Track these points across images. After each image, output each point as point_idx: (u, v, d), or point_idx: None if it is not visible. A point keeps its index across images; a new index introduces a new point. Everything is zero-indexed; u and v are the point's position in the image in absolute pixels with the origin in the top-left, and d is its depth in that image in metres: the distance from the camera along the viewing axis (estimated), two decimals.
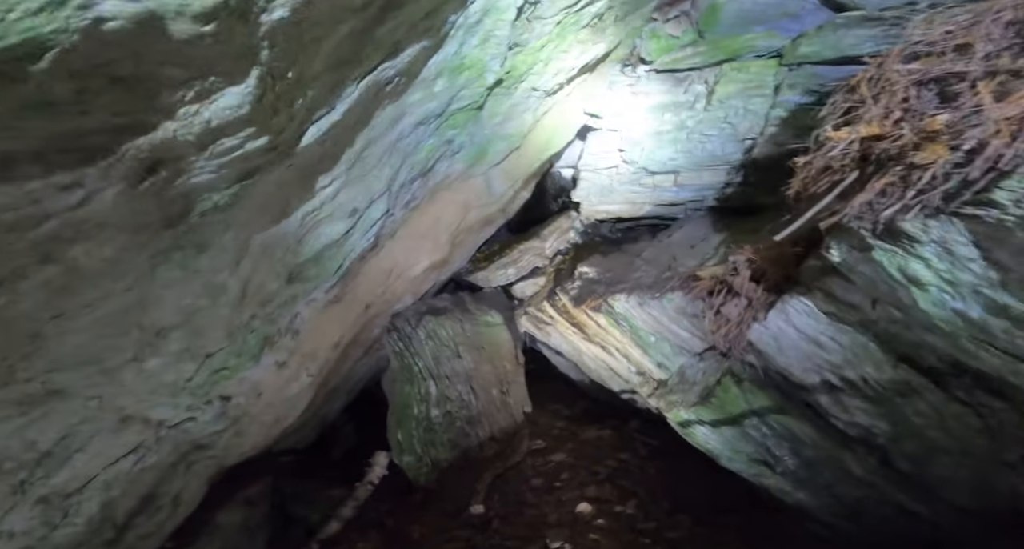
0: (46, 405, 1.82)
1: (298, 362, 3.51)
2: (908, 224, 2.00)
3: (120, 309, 1.70)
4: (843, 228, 2.23)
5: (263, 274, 2.35)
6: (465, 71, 2.95)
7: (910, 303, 2.13)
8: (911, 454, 2.79)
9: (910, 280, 2.04)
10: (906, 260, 2.03)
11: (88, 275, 1.43)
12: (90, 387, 1.96)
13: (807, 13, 3.97)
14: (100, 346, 1.79)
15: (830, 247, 2.29)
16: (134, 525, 3.33)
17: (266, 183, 1.79)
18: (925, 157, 2.00)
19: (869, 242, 2.11)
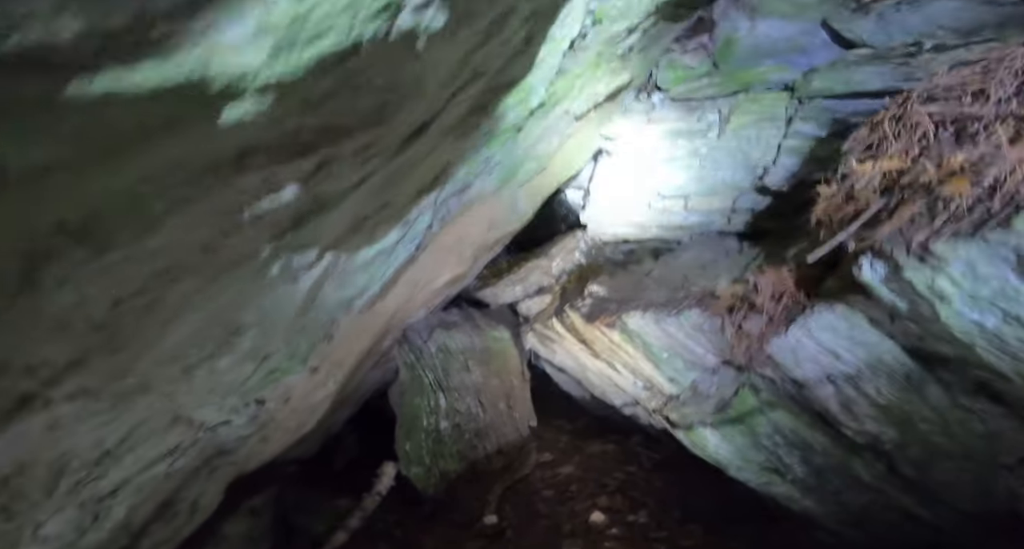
0: (130, 401, 1.85)
1: (327, 369, 3.55)
2: (939, 246, 2.26)
3: (226, 304, 1.77)
4: (875, 250, 2.46)
5: (326, 278, 2.43)
6: (514, 94, 3.12)
7: (931, 317, 2.36)
8: (916, 460, 3.00)
9: (936, 295, 2.30)
10: (934, 277, 2.28)
11: (226, 267, 1.50)
12: (168, 384, 1.99)
13: (816, 49, 4.29)
14: (192, 341, 1.85)
15: (860, 266, 2.52)
16: (150, 532, 3.27)
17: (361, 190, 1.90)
18: (950, 191, 2.25)
19: (901, 262, 2.34)
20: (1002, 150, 2.22)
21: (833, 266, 3.01)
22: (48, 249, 0.97)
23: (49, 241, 0.96)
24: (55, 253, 0.98)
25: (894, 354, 2.71)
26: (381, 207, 2.48)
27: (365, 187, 1.89)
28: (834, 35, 4.41)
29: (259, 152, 1.16)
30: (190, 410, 2.61)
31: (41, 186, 0.87)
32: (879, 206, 2.54)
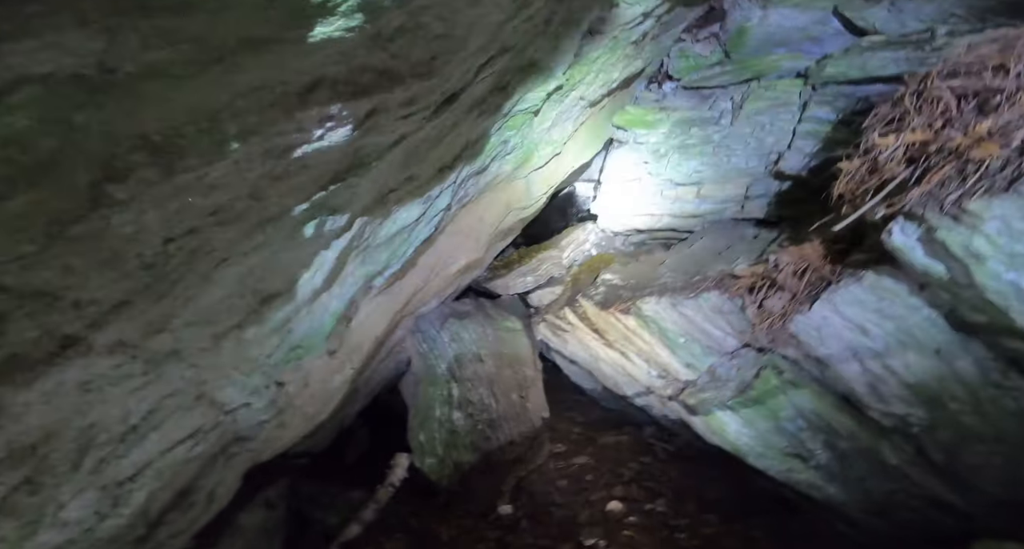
0: (161, 368, 1.84)
1: (345, 353, 3.54)
2: (973, 204, 2.26)
3: (259, 264, 1.76)
4: (906, 214, 2.46)
5: (351, 252, 2.42)
6: (533, 75, 3.13)
7: (964, 281, 2.35)
8: (946, 443, 2.96)
9: (972, 255, 2.29)
10: (970, 237, 2.27)
11: (267, 219, 1.49)
12: (197, 353, 1.98)
13: (828, 37, 4.31)
14: (224, 305, 1.83)
15: (891, 231, 2.51)
16: (166, 521, 3.23)
17: (392, 154, 1.89)
18: (979, 153, 2.25)
19: (934, 223, 2.34)
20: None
21: (857, 241, 3.00)
22: (125, 164, 0.96)
23: (128, 155, 0.95)
24: (130, 169, 0.98)
25: (924, 326, 2.68)
26: (406, 180, 2.47)
27: (398, 150, 1.89)
28: (846, 23, 4.44)
29: (325, 86, 1.17)
30: (214, 388, 2.59)
31: (141, 92, 0.87)
32: (905, 175, 2.54)
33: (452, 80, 1.82)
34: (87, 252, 1.08)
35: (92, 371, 1.45)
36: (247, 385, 2.64)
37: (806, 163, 4.12)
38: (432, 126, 2.09)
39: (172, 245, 1.25)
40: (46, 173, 0.90)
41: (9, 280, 1.04)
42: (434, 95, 1.69)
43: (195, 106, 0.98)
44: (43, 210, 0.95)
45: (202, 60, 0.89)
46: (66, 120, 0.87)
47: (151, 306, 1.41)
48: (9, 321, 1.11)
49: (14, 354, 1.18)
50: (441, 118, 2.16)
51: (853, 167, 2.90)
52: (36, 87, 0.81)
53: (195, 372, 2.09)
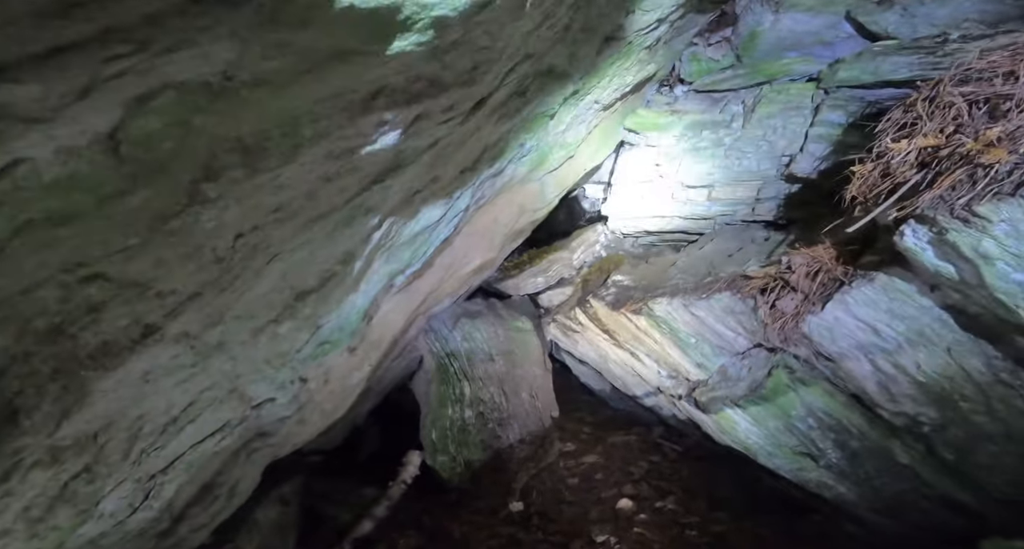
0: (207, 360, 1.90)
1: (364, 350, 3.60)
2: (982, 207, 2.33)
3: (299, 260, 1.82)
4: (918, 216, 2.52)
5: (378, 250, 2.48)
6: (552, 80, 3.19)
7: (974, 281, 2.41)
8: (956, 442, 3.01)
9: (981, 256, 2.35)
10: (979, 239, 2.34)
11: (314, 217, 1.56)
12: (238, 346, 2.04)
13: (840, 41, 4.36)
14: (265, 300, 1.89)
15: (903, 233, 2.57)
16: (189, 516, 3.28)
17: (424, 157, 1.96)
18: (989, 158, 2.31)
19: (945, 225, 2.41)
20: None
21: (869, 243, 3.05)
22: (221, 163, 1.04)
23: (225, 156, 1.03)
24: (223, 168, 1.05)
25: (935, 326, 2.74)
26: (431, 181, 2.54)
27: (430, 154, 1.95)
28: (858, 28, 4.49)
29: (386, 93, 1.24)
30: (246, 382, 2.65)
31: (247, 98, 0.96)
32: (917, 178, 2.60)
33: (484, 85, 1.89)
34: (176, 245, 1.16)
35: (155, 362, 1.52)
36: (276, 379, 2.70)
37: (817, 166, 4.17)
38: (461, 131, 2.16)
39: (240, 240, 1.32)
40: (161, 171, 0.98)
41: (112, 270, 1.12)
42: (469, 102, 1.76)
43: (283, 111, 1.05)
44: (151, 206, 1.03)
45: (299, 69, 0.97)
46: (186, 123, 0.95)
47: (215, 298, 1.48)
48: (106, 309, 1.19)
49: (105, 341, 1.26)
50: (469, 123, 2.23)
51: (866, 170, 2.96)
52: (173, 93, 0.89)
53: (233, 365, 2.15)
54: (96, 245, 1.05)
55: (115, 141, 0.89)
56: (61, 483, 1.79)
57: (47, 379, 1.21)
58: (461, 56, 1.35)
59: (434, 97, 1.43)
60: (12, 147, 0.81)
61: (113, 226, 1.03)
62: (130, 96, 0.85)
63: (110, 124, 0.87)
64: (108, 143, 0.89)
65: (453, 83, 1.45)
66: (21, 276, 0.99)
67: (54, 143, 0.84)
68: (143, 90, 0.86)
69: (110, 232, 1.04)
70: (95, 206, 0.96)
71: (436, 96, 1.44)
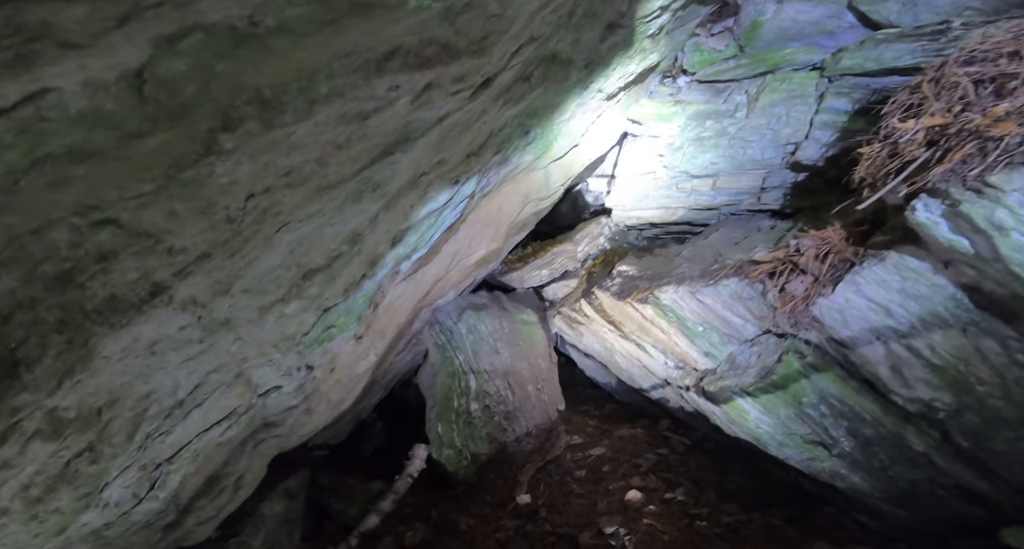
0: (214, 337, 1.89)
1: (370, 339, 3.58)
2: (995, 177, 2.32)
3: (307, 235, 1.81)
4: (930, 190, 2.51)
5: (384, 232, 2.47)
6: (555, 66, 3.19)
7: (989, 254, 2.38)
8: (972, 428, 2.96)
9: (995, 227, 2.33)
10: (993, 209, 2.32)
11: (325, 187, 1.55)
12: (245, 324, 2.03)
13: (842, 31, 4.36)
14: (273, 276, 1.88)
15: (915, 208, 2.56)
16: (195, 508, 3.25)
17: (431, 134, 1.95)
18: (999, 131, 2.31)
19: (958, 197, 2.39)
20: None
21: (879, 224, 3.04)
22: (239, 114, 1.03)
23: (244, 106, 1.02)
24: (241, 119, 1.04)
25: (949, 305, 2.71)
26: (437, 164, 2.53)
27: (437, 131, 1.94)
28: (860, 17, 4.48)
29: (399, 55, 1.23)
30: (252, 366, 2.64)
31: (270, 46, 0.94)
32: (926, 156, 2.59)
33: (492, 62, 1.88)
34: (190, 198, 1.14)
35: (162, 330, 1.50)
36: (282, 365, 2.69)
37: (824, 153, 4.16)
38: (468, 109, 2.15)
39: (251, 201, 1.30)
40: (182, 116, 0.96)
41: (125, 217, 1.10)
42: (478, 75, 1.74)
43: (303, 64, 1.04)
44: (168, 152, 1.01)
45: (322, 19, 0.96)
46: (210, 68, 0.94)
47: (224, 261, 1.46)
48: (117, 259, 1.17)
49: (113, 295, 1.24)
50: (476, 101, 2.21)
51: (874, 151, 2.95)
52: (201, 35, 0.87)
53: (240, 346, 2.14)
54: (111, 188, 1.03)
55: (141, 80, 0.88)
56: (63, 461, 1.76)
57: (52, 330, 1.19)
58: (473, 21, 1.33)
59: (445, 64, 1.42)
60: (43, 73, 0.79)
61: (130, 169, 1.01)
62: (162, 34, 0.84)
63: (139, 61, 0.86)
64: (134, 81, 0.88)
65: (464, 50, 1.44)
66: (33, 214, 0.97)
67: (84, 73, 0.82)
68: (175, 28, 0.84)
69: (126, 175, 1.03)
70: (114, 146, 0.94)
71: (447, 63, 1.42)
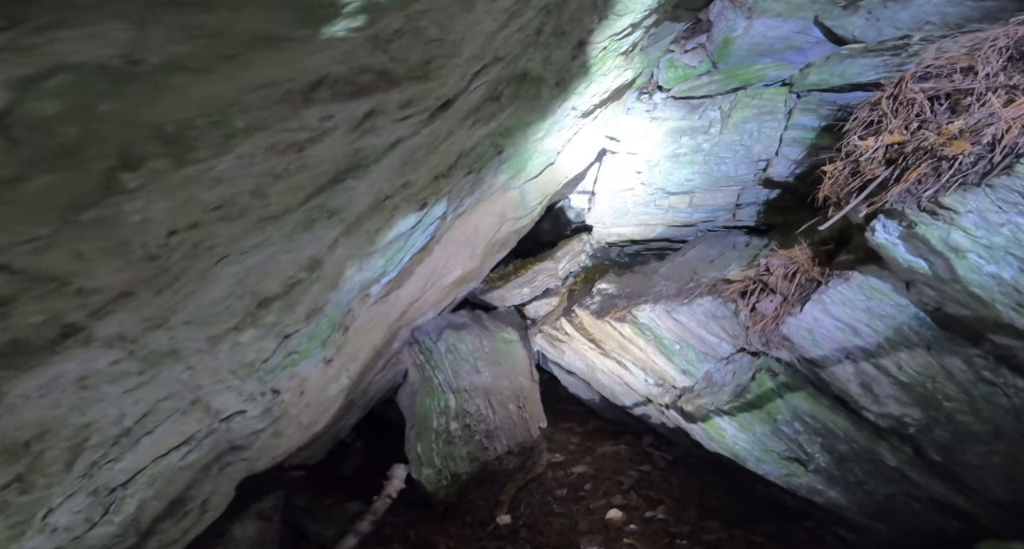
0: (158, 368, 1.85)
1: (341, 361, 3.54)
2: (949, 198, 2.31)
3: (256, 265, 1.78)
4: (887, 211, 2.52)
5: (347, 258, 2.45)
6: (526, 85, 3.20)
7: (948, 275, 2.39)
8: (943, 443, 2.96)
9: (951, 249, 2.33)
10: (948, 231, 2.31)
11: (267, 218, 1.53)
12: (195, 354, 1.99)
13: (811, 46, 4.42)
14: (222, 306, 1.85)
15: (874, 229, 2.56)
16: (158, 531, 3.19)
17: (389, 158, 1.94)
18: (952, 151, 2.32)
19: (913, 218, 2.39)
20: (996, 113, 2.33)
21: (844, 242, 3.05)
22: (140, 152, 1.00)
23: (143, 145, 0.99)
24: (143, 158, 1.02)
25: (913, 324, 2.72)
26: (402, 186, 2.52)
27: (394, 154, 1.93)
28: (826, 32, 4.56)
29: (327, 84, 1.21)
30: (210, 393, 2.59)
31: (161, 84, 0.92)
32: (885, 175, 2.61)
33: (447, 86, 1.87)
34: (96, 239, 1.11)
35: (90, 366, 1.47)
36: (243, 391, 2.65)
37: (793, 170, 4.20)
38: (428, 132, 2.14)
39: (175, 238, 1.27)
40: (66, 158, 0.94)
41: (20, 262, 1.07)
42: (429, 99, 1.74)
43: (208, 99, 1.02)
44: (60, 194, 0.99)
45: (220, 54, 0.94)
46: (91, 108, 0.91)
47: (152, 299, 1.43)
48: (15, 304, 1.13)
49: (16, 339, 1.20)
50: (436, 124, 2.21)
51: (836, 170, 2.97)
52: (69, 75, 0.86)
53: (191, 375, 2.10)
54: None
55: (6, 123, 0.86)
56: None
57: None
58: (410, 48, 1.33)
59: (385, 91, 1.41)
60: None
61: (17, 214, 0.99)
62: (16, 76, 0.82)
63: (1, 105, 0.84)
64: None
65: (405, 76, 1.43)
66: None
67: None
68: (30, 71, 0.82)
69: (14, 220, 1.00)
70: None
71: (387, 90, 1.41)
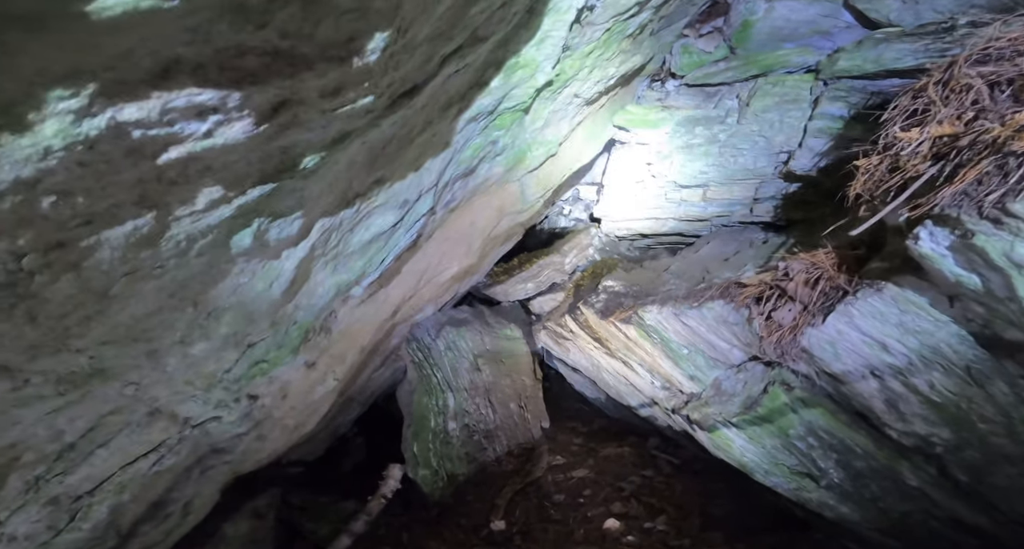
0: (86, 387, 1.68)
1: (326, 364, 3.38)
2: (1019, 205, 1.97)
3: (187, 277, 1.59)
4: (936, 217, 2.21)
5: (315, 261, 2.25)
6: (519, 69, 2.94)
7: (1003, 294, 2.09)
8: (971, 464, 2.71)
9: (1015, 265, 2.03)
10: (1012, 243, 2.01)
11: (173, 227, 1.33)
12: (132, 370, 1.82)
13: (839, 31, 4.06)
14: (155, 321, 1.67)
15: (918, 237, 2.26)
16: (139, 533, 3.13)
17: (345, 153, 1.72)
18: (1021, 146, 2.00)
19: (971, 227, 2.08)
20: None
21: (876, 247, 2.75)
22: None
23: None
24: None
25: (952, 343, 2.43)
26: (374, 183, 2.30)
27: (351, 151, 1.71)
28: (858, 16, 4.18)
29: (183, 71, 0.99)
30: (171, 403, 2.45)
31: None
32: (933, 172, 2.29)
33: (401, 69, 1.64)
34: None
35: None
36: (208, 400, 2.49)
37: (818, 162, 3.88)
38: (392, 123, 1.92)
39: (30, 260, 1.08)
40: None
41: None
42: (375, 86, 1.50)
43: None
44: None
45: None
46: None
47: (23, 330, 1.25)
48: None
49: None
50: (401, 114, 1.97)
51: (871, 164, 2.66)
52: None
53: (136, 390, 1.94)
54: None
55: None
56: None
57: None
58: (308, 20, 1.07)
59: (292, 77, 1.18)
60: None
61: None
62: None
63: None
64: None
65: (319, 58, 1.19)
66: None
67: None
68: None
69: None
70: None
71: (296, 76, 1.18)
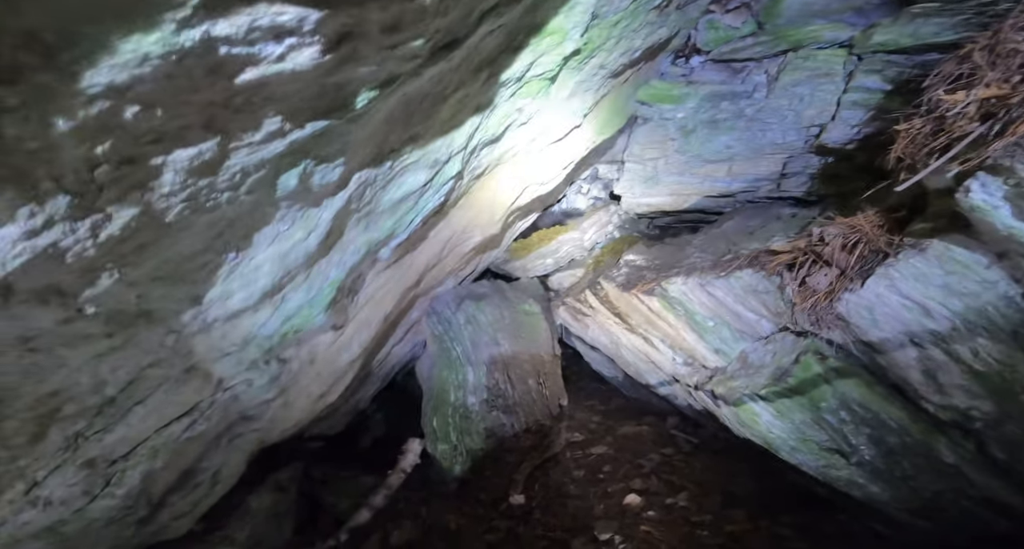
0: (131, 330, 1.66)
1: (353, 328, 3.37)
2: None
3: (235, 216, 1.57)
4: (989, 167, 2.14)
5: (349, 216, 2.22)
6: (548, 36, 2.89)
7: None
8: (1011, 438, 2.64)
9: None
10: None
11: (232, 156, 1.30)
12: (175, 316, 1.81)
13: (873, 7, 3.94)
14: (201, 262, 1.65)
15: (969, 189, 2.18)
16: (169, 503, 3.14)
17: (387, 104, 1.68)
18: None
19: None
20: None
21: (917, 210, 2.68)
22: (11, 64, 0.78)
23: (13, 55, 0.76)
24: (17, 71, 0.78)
25: (1000, 305, 2.35)
26: (408, 139, 2.26)
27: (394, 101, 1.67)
28: None
29: None
30: (207, 361, 2.44)
31: None
32: (981, 130, 2.23)
33: (446, 16, 1.59)
34: None
35: (28, 324, 1.28)
36: (242, 359, 2.48)
37: (853, 134, 3.79)
38: (431, 76, 1.87)
39: (102, 172, 1.06)
40: None
41: None
42: (426, 28, 1.46)
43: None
44: None
45: None
46: None
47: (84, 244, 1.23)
48: None
49: None
50: (440, 67, 1.93)
51: (913, 128, 2.60)
52: None
53: (177, 340, 1.92)
54: None
55: None
56: None
57: None
58: None
59: (361, 4, 1.13)
60: None
61: None
62: None
63: None
64: None
65: None
66: None
67: None
68: None
69: None
70: None
71: (364, 3, 1.14)
